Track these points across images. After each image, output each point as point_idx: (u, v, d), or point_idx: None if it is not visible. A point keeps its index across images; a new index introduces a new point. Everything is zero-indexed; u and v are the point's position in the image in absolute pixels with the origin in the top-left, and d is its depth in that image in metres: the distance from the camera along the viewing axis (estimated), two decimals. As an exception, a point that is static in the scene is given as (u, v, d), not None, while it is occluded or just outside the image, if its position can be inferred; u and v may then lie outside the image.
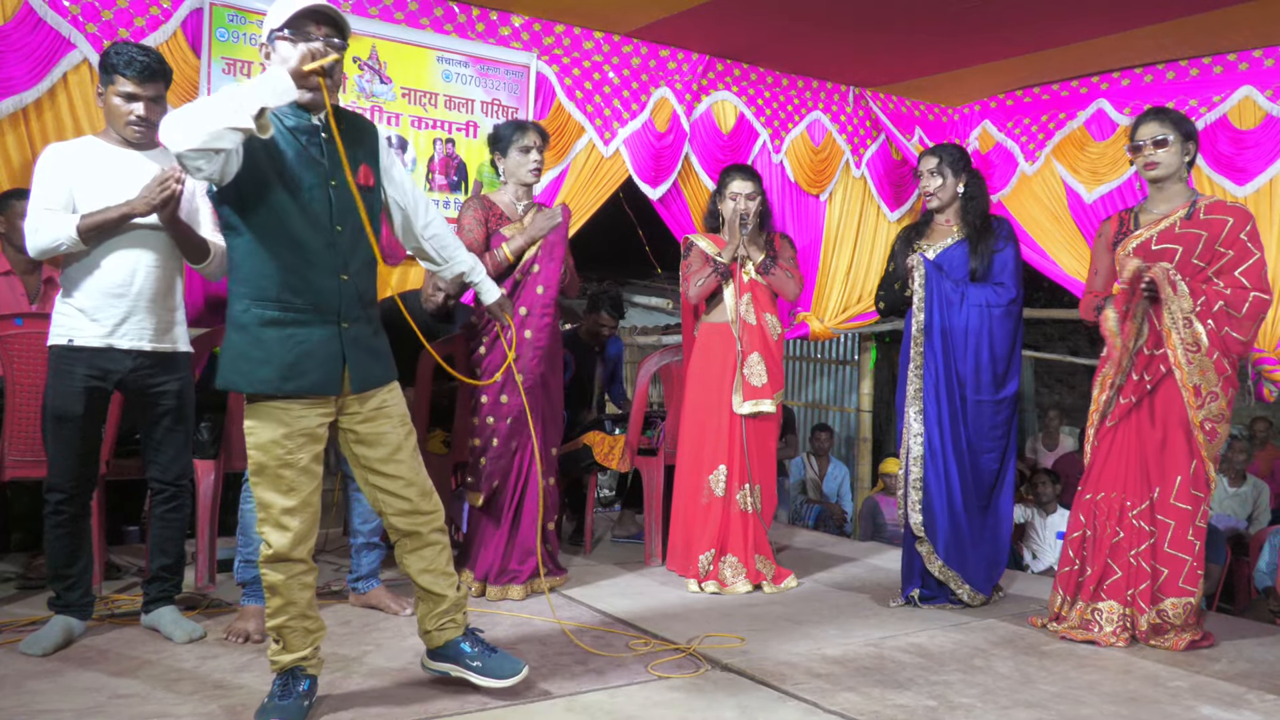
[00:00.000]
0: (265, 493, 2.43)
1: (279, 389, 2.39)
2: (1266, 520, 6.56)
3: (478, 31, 4.65)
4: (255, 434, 2.42)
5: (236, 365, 2.40)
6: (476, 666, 2.69)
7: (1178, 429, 3.32)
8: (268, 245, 2.40)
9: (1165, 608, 3.33)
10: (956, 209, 3.91)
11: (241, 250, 2.42)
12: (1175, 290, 3.26)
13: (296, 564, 2.47)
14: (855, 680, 2.93)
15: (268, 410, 2.41)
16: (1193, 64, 4.99)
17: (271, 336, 2.40)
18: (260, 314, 2.40)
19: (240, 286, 2.42)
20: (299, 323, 2.42)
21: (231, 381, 2.42)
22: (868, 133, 5.88)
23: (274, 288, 2.40)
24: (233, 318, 2.43)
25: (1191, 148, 3.41)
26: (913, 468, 3.78)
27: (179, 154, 2.20)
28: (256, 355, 2.39)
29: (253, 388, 2.39)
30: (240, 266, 2.42)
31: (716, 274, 4.08)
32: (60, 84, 3.77)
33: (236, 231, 2.42)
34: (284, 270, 2.40)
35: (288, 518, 2.44)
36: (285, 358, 2.40)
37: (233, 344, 2.42)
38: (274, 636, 2.50)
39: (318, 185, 2.45)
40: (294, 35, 2.39)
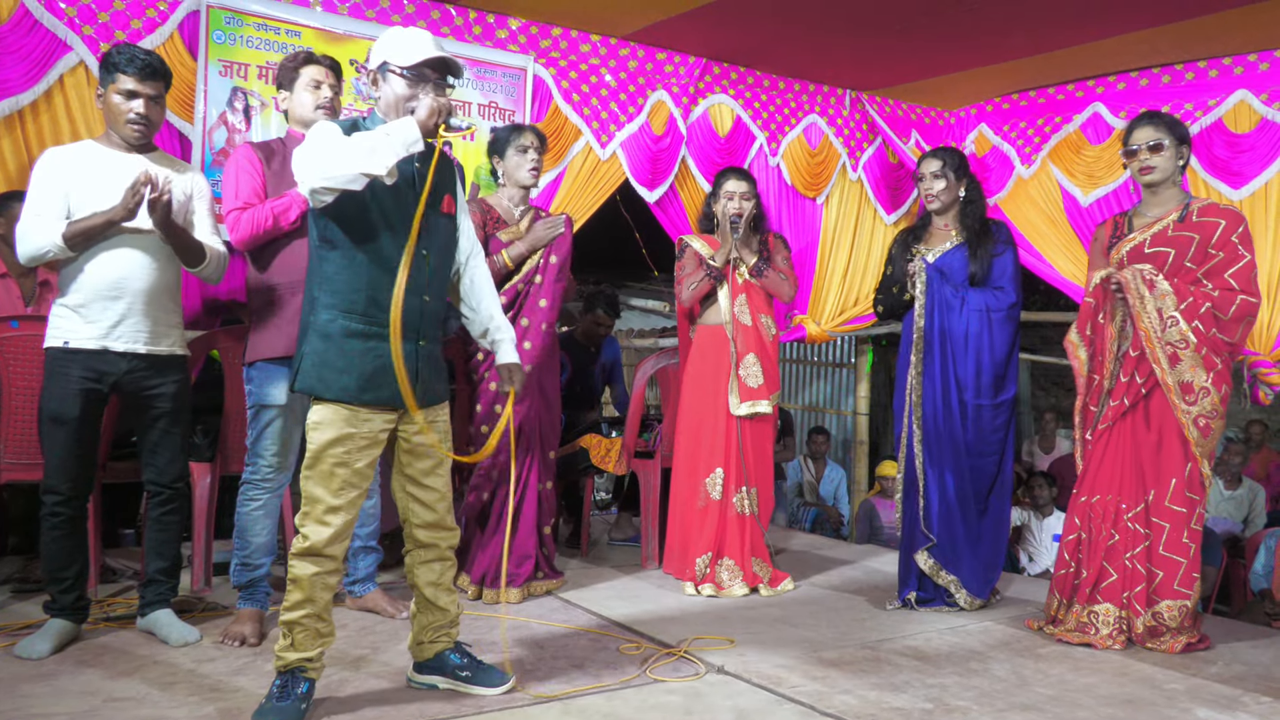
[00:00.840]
0: (315, 488, 2.49)
1: (357, 398, 2.50)
2: (1262, 523, 6.57)
3: (475, 34, 4.65)
4: (321, 431, 2.49)
5: (319, 372, 2.49)
6: (466, 676, 2.74)
7: (1172, 432, 3.33)
8: (360, 262, 2.50)
9: (1161, 610, 3.33)
10: (956, 212, 3.92)
11: (334, 264, 2.51)
12: (1152, 289, 3.28)
13: (328, 561, 2.51)
14: (852, 683, 2.93)
15: (338, 411, 2.49)
16: (1188, 68, 5.00)
17: (355, 348, 2.50)
18: (346, 325, 2.50)
19: (329, 298, 2.51)
20: (381, 337, 2.51)
21: (312, 387, 2.50)
22: (864, 136, 5.88)
23: (362, 303, 2.50)
24: (318, 326, 2.51)
25: (1185, 152, 3.43)
26: (918, 473, 3.78)
27: (312, 189, 2.36)
28: (339, 364, 2.49)
29: (333, 395, 2.49)
30: (332, 279, 2.51)
31: (710, 276, 4.08)
32: (57, 86, 3.77)
33: (332, 245, 2.51)
34: (373, 287, 2.51)
35: (332, 515, 2.49)
36: (366, 369, 2.50)
37: (316, 351, 2.50)
38: (284, 631, 2.51)
39: (410, 211, 2.54)
40: (415, 78, 2.52)
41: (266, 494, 3.24)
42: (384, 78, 2.55)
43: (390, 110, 2.55)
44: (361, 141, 2.37)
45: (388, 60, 2.53)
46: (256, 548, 3.23)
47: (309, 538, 2.48)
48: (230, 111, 4.10)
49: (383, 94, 2.56)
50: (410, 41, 2.53)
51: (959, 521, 3.78)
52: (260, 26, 4.15)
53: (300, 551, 2.49)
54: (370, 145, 2.36)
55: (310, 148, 2.39)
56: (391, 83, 2.53)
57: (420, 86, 2.52)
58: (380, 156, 2.35)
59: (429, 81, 2.53)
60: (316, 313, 2.52)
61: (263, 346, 3.18)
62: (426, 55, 2.51)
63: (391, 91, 2.54)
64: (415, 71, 2.52)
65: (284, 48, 4.14)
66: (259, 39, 4.15)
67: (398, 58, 2.52)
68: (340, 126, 2.49)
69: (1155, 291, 3.29)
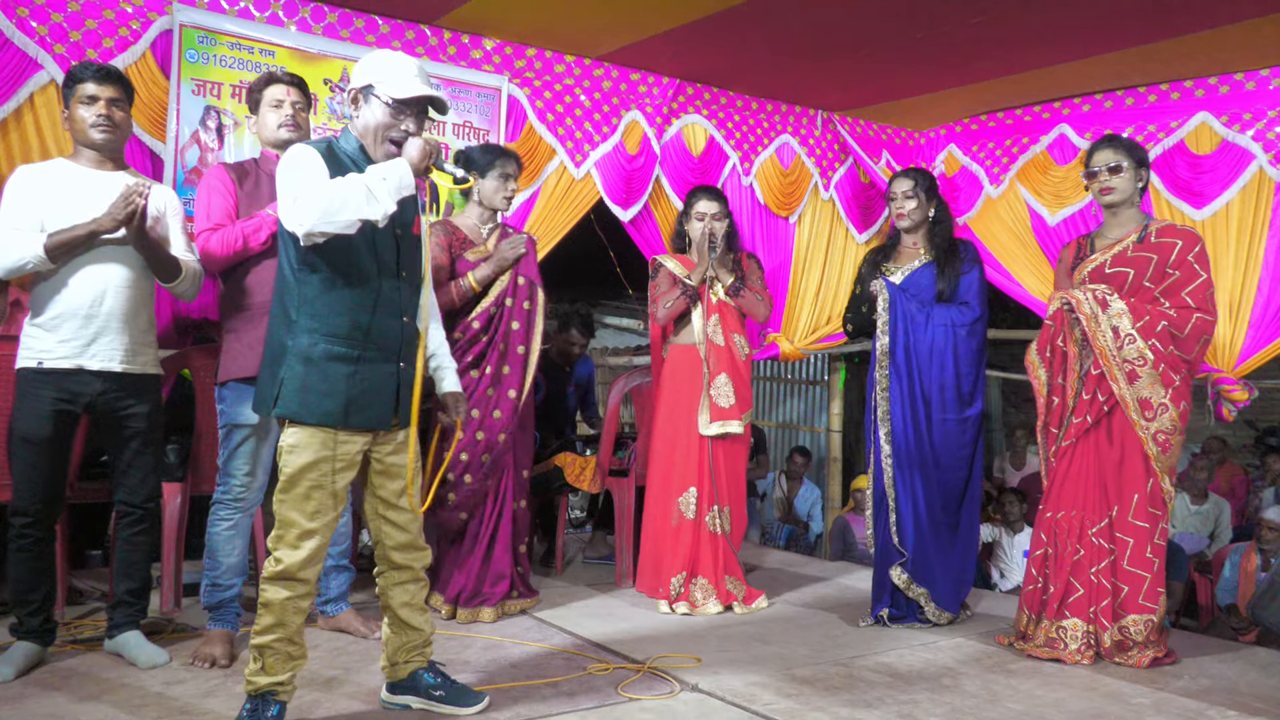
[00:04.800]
0: (290, 511, 2.47)
1: (341, 422, 2.48)
2: (1228, 538, 6.66)
3: (449, 54, 4.67)
4: (297, 454, 2.46)
5: (301, 397, 2.46)
6: (440, 696, 2.73)
7: (1134, 448, 3.39)
8: (342, 285, 2.49)
9: (1127, 624, 3.38)
10: (925, 232, 3.98)
11: (315, 287, 2.48)
12: (1106, 308, 3.35)
13: (300, 584, 2.49)
14: (825, 700, 2.95)
15: (316, 434, 2.47)
16: (1150, 90, 5.10)
17: (338, 372, 2.48)
18: (329, 349, 2.48)
19: (310, 321, 2.48)
20: (364, 360, 2.51)
21: (295, 412, 2.46)
22: (836, 156, 5.95)
23: (344, 325, 2.49)
24: (299, 350, 2.47)
25: (1145, 174, 3.51)
26: (888, 489, 3.82)
27: (308, 231, 2.35)
28: (322, 388, 2.46)
29: (316, 419, 2.46)
30: (313, 302, 2.48)
31: (685, 296, 4.10)
32: (27, 105, 3.75)
33: (312, 268, 2.48)
34: (355, 310, 2.50)
35: (306, 539, 2.47)
36: (350, 393, 2.49)
37: (297, 375, 2.46)
38: (254, 655, 2.48)
39: (388, 233, 2.55)
40: (398, 109, 2.51)
41: (238, 514, 3.22)
42: (366, 100, 2.53)
43: (367, 134, 2.55)
44: (356, 185, 2.37)
45: (373, 85, 2.51)
46: (227, 568, 3.21)
47: (282, 561, 2.46)
48: (203, 130, 4.09)
49: (362, 116, 2.54)
50: (399, 70, 2.51)
51: (929, 535, 3.81)
52: (234, 46, 4.15)
53: (273, 575, 2.47)
54: (366, 190, 2.37)
55: (301, 184, 2.38)
56: (374, 107, 2.52)
57: (402, 117, 2.52)
58: (379, 203, 2.38)
59: (412, 114, 2.53)
60: (296, 336, 2.47)
61: (235, 366, 3.17)
62: (416, 92, 2.51)
63: (373, 116, 2.52)
64: (406, 106, 2.51)
65: (258, 67, 4.13)
66: (232, 58, 4.15)
67: (386, 86, 2.50)
68: (316, 149, 2.48)
69: (1109, 310, 3.35)
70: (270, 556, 2.48)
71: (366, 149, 2.56)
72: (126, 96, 3.10)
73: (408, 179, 2.44)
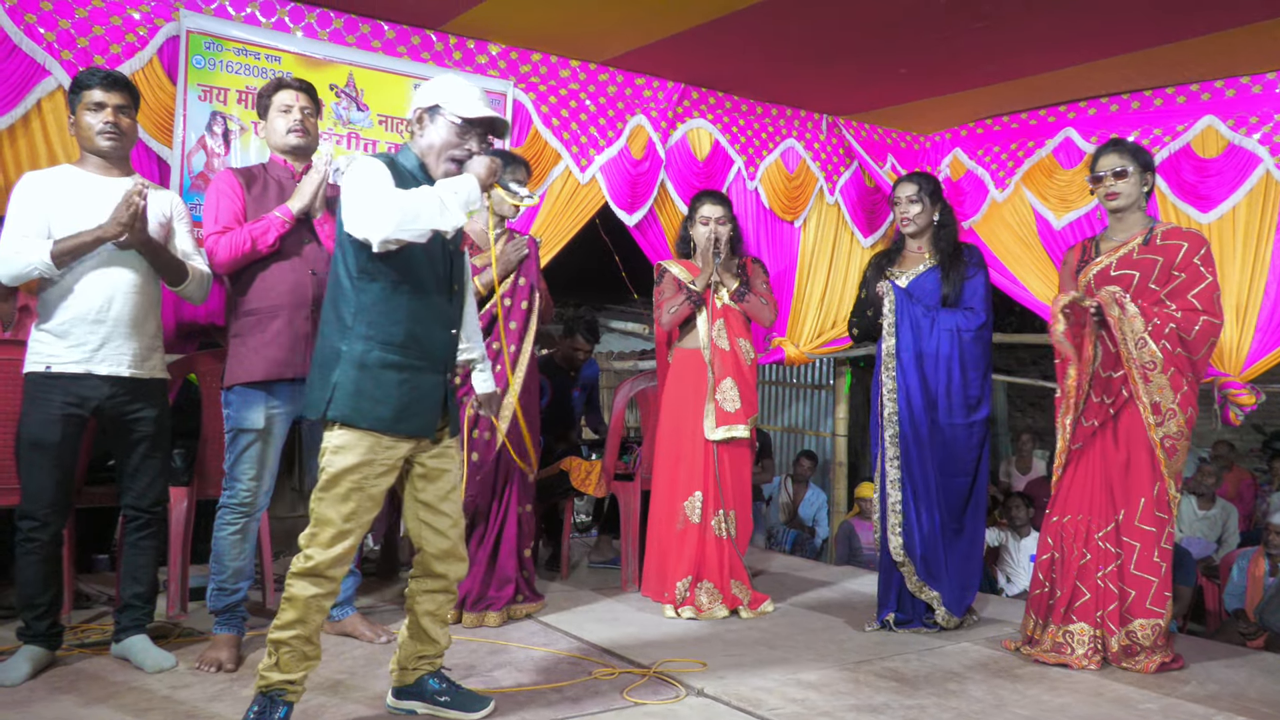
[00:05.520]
0: (328, 510, 2.50)
1: (391, 428, 2.53)
2: (1236, 543, 6.64)
3: (455, 59, 4.68)
4: (342, 456, 2.50)
5: (354, 402, 2.50)
6: (445, 702, 2.74)
7: (1141, 452, 3.38)
8: (399, 295, 2.55)
9: (1134, 629, 3.37)
10: (930, 236, 3.97)
11: (373, 295, 2.53)
12: (1124, 311, 3.34)
13: (327, 583, 2.51)
14: (831, 705, 2.94)
15: (365, 438, 2.51)
16: (1157, 94, 5.09)
17: (391, 379, 2.54)
18: (383, 357, 2.53)
19: (367, 329, 2.53)
20: (415, 369, 2.57)
21: (347, 416, 2.50)
22: (841, 160, 5.95)
23: (400, 334, 2.54)
24: (353, 356, 2.52)
25: (1150, 178, 3.50)
26: (890, 491, 3.81)
27: (385, 238, 2.41)
28: (376, 394, 2.51)
29: (368, 424, 2.51)
30: (369, 310, 2.53)
31: (690, 301, 4.11)
32: (34, 111, 3.77)
33: (372, 277, 2.53)
34: (411, 320, 2.56)
35: (340, 539, 2.51)
36: (401, 400, 2.54)
37: (350, 380, 2.51)
38: (270, 650, 2.50)
39: (442, 247, 2.64)
40: (468, 131, 2.61)
41: (244, 518, 3.22)
42: (432, 119, 2.61)
43: (430, 152, 2.62)
44: (430, 196, 2.45)
45: (440, 105, 2.60)
46: (233, 572, 3.21)
47: (313, 559, 2.48)
48: (209, 136, 4.11)
49: (426, 134, 2.62)
50: (466, 93, 2.61)
51: (936, 539, 3.80)
52: (240, 52, 4.16)
53: (301, 571, 2.49)
54: (440, 201, 2.45)
55: (373, 193, 2.43)
56: (439, 127, 2.60)
57: (466, 137, 2.61)
58: (451, 214, 2.47)
59: (475, 135, 2.62)
60: (350, 342, 2.52)
61: (241, 371, 3.18)
62: (483, 113, 2.60)
63: (438, 135, 2.60)
64: (469, 125, 2.60)
65: (264, 73, 4.15)
66: (239, 64, 4.16)
67: (453, 106, 2.59)
68: (382, 161, 2.54)
69: (1127, 313, 3.34)
70: (300, 553, 2.50)
71: (427, 167, 2.63)
72: (133, 103, 3.11)
73: (475, 194, 2.52)
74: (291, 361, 3.19)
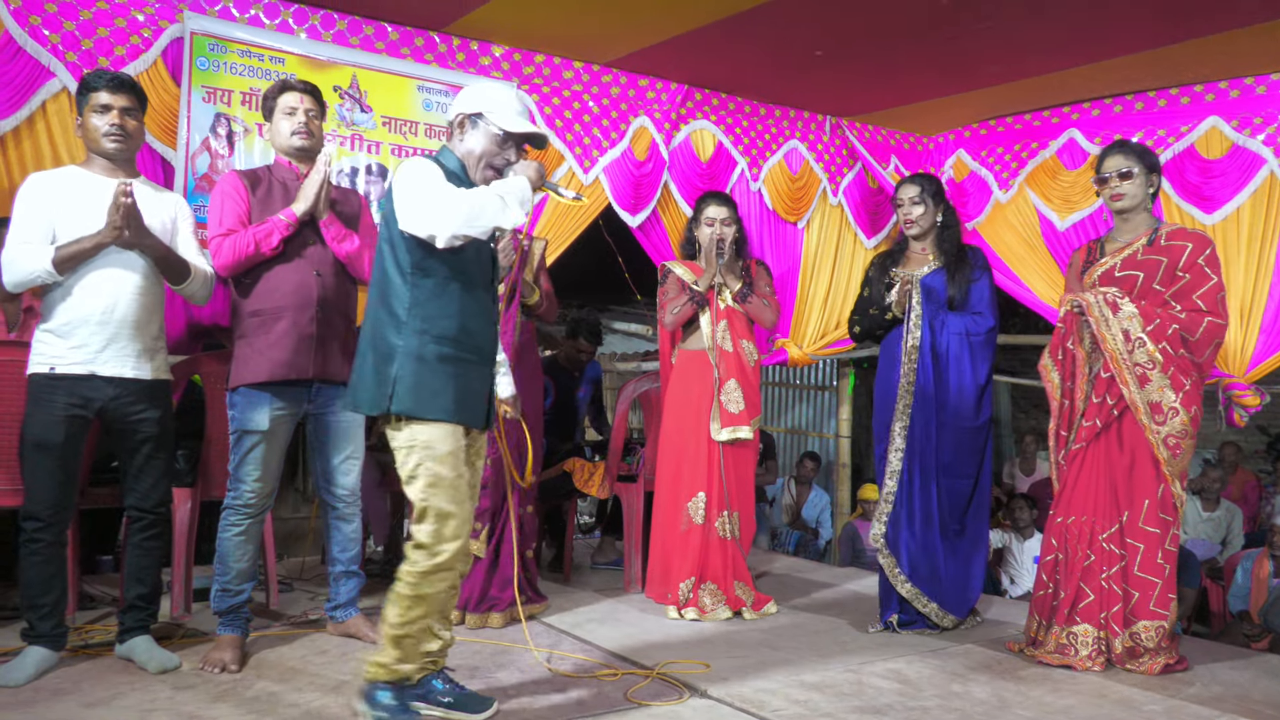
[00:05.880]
0: (444, 503, 2.57)
1: (454, 416, 2.61)
2: (1240, 544, 6.63)
3: (458, 61, 4.68)
4: (435, 447, 2.57)
5: (416, 394, 2.57)
6: (448, 703, 2.74)
7: (1144, 453, 3.37)
8: (451, 291, 2.62)
9: (1138, 630, 3.36)
10: (933, 237, 3.97)
11: (427, 291, 2.60)
12: (1116, 311, 3.34)
13: (455, 574, 2.64)
14: (834, 706, 2.94)
15: (443, 427, 2.59)
16: (1161, 94, 5.08)
17: (447, 371, 2.61)
18: (439, 350, 2.59)
19: (421, 323, 2.59)
20: (467, 362, 2.65)
21: (412, 408, 2.57)
22: (844, 161, 5.95)
23: (452, 329, 2.61)
24: (409, 350, 2.58)
25: (1155, 179, 3.50)
26: (888, 481, 3.82)
27: (452, 235, 2.49)
28: (435, 385, 2.59)
29: (432, 414, 2.58)
30: (424, 305, 2.59)
31: (694, 302, 4.11)
32: (39, 112, 3.78)
33: (425, 273, 2.59)
34: (462, 314, 2.64)
35: (462, 528, 2.61)
36: (457, 392, 2.62)
37: (410, 373, 2.57)
38: (390, 645, 2.58)
39: (485, 246, 2.73)
40: (509, 141, 2.68)
41: (248, 519, 3.23)
42: (474, 126, 2.67)
43: (470, 157, 2.68)
44: (490, 195, 2.53)
45: (485, 114, 2.66)
46: (237, 574, 3.22)
47: (443, 553, 2.56)
48: (213, 137, 4.11)
49: (467, 140, 2.68)
50: (510, 105, 2.69)
51: (936, 538, 3.80)
52: (244, 53, 4.17)
53: (430, 569, 2.55)
54: (501, 200, 2.53)
55: (432, 193, 2.49)
56: (481, 135, 2.67)
57: (506, 147, 2.68)
58: (511, 212, 2.55)
59: (514, 145, 2.70)
60: (405, 336, 2.58)
61: (246, 372, 3.19)
62: (526, 129, 2.68)
63: (479, 143, 2.67)
64: (509, 136, 2.67)
65: (268, 74, 4.16)
66: (242, 65, 4.17)
67: (497, 117, 2.65)
68: (434, 162, 2.60)
69: (1120, 314, 3.34)
70: (420, 553, 2.56)
71: (469, 170, 2.69)
72: (139, 105, 3.12)
73: (528, 194, 2.60)
74: (296, 363, 3.20)
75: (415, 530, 2.59)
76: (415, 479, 2.57)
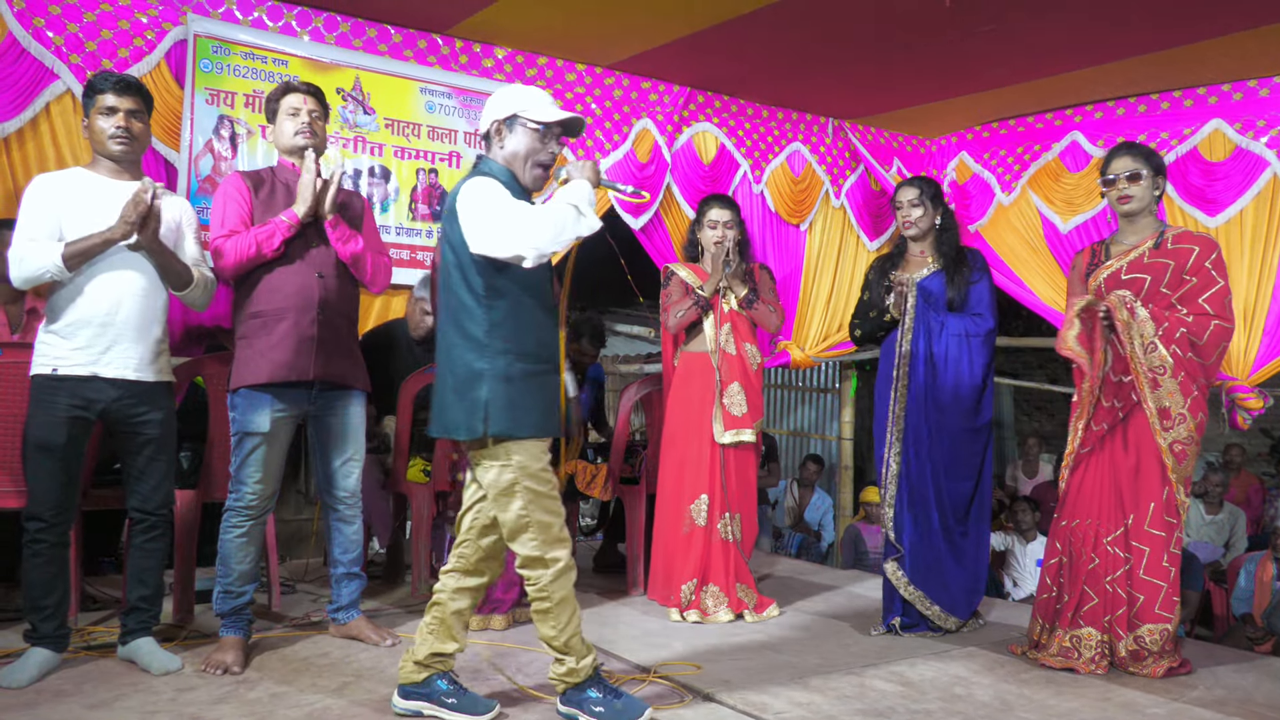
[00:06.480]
0: (543, 515, 2.65)
1: (543, 430, 2.67)
2: (1243, 547, 6.62)
3: (461, 63, 4.69)
4: (529, 465, 2.64)
5: (510, 414, 2.61)
6: (451, 704, 2.75)
7: (1150, 456, 3.36)
8: (525, 307, 2.66)
9: (1142, 634, 3.35)
10: (932, 240, 3.97)
11: (503, 311, 2.63)
12: (1134, 316, 3.32)
13: (575, 571, 2.72)
14: (836, 709, 2.94)
15: (535, 445, 2.66)
16: (1164, 97, 5.09)
17: (532, 387, 2.66)
18: (524, 368, 2.64)
19: (503, 344, 2.63)
20: (545, 373, 2.71)
21: (508, 429, 2.61)
22: (847, 163, 5.95)
23: (531, 344, 2.67)
24: (496, 372, 2.62)
25: (1161, 182, 3.49)
26: (889, 485, 3.82)
27: (541, 252, 2.54)
28: (526, 403, 2.64)
29: (527, 432, 2.63)
30: (502, 325, 2.63)
31: (698, 305, 4.11)
32: (43, 114, 3.79)
33: (499, 294, 2.62)
34: (536, 329, 2.69)
35: (564, 531, 2.70)
36: (543, 404, 2.69)
37: (502, 394, 2.61)
38: (565, 651, 2.69)
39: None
40: (548, 134, 2.70)
41: (249, 521, 3.23)
42: (511, 129, 2.69)
43: (515, 161, 2.70)
44: (564, 208, 2.56)
45: (518, 113, 2.67)
46: (239, 575, 3.22)
47: (561, 558, 2.66)
48: (216, 139, 4.12)
49: (508, 144, 2.69)
50: (539, 98, 2.70)
51: (939, 540, 3.80)
52: (247, 55, 4.18)
53: (558, 574, 2.66)
54: (575, 210, 2.57)
55: (509, 212, 2.52)
56: (519, 135, 2.68)
57: (547, 141, 2.69)
58: (588, 220, 2.60)
59: (554, 137, 2.71)
60: (490, 358, 2.61)
61: (247, 373, 3.19)
62: (560, 116, 2.68)
63: (520, 144, 2.68)
64: (549, 128, 2.68)
65: (271, 76, 4.17)
66: (246, 68, 4.18)
67: (530, 113, 2.67)
68: (496, 178, 2.62)
69: (1137, 318, 3.33)
70: (536, 568, 2.66)
71: (516, 176, 2.70)
72: (145, 108, 3.12)
73: (593, 196, 2.64)
74: (297, 364, 3.19)
75: (517, 547, 2.67)
76: (512, 498, 2.63)
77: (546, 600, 2.67)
